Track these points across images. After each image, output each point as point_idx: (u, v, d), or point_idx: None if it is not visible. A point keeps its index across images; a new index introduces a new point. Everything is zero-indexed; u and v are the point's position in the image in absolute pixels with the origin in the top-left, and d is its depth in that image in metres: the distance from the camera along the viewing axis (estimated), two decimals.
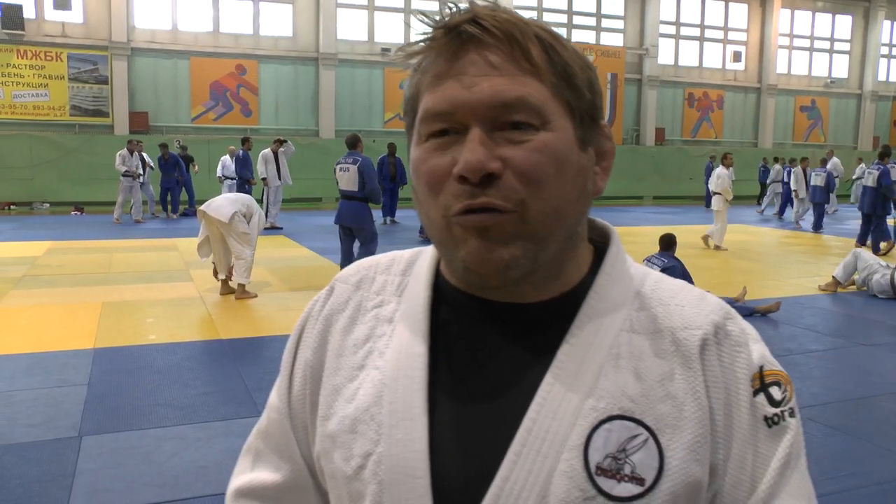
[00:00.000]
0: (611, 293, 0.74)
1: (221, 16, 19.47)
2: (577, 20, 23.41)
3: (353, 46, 20.57)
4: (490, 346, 0.74)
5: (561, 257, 0.73)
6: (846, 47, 27.35)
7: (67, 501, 3.21)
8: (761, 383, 0.72)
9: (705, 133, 25.19)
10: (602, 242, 0.80)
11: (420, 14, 0.71)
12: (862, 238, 12.66)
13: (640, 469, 0.67)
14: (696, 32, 25.07)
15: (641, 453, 0.67)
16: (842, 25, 27.12)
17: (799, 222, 16.23)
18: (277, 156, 14.36)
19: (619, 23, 23.93)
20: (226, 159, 16.09)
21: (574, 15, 23.33)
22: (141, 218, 15.20)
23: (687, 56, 24.99)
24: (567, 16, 23.22)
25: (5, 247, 10.99)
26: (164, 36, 18.91)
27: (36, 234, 12.62)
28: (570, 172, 0.70)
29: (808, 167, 16.12)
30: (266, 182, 14.31)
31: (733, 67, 25.40)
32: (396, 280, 0.82)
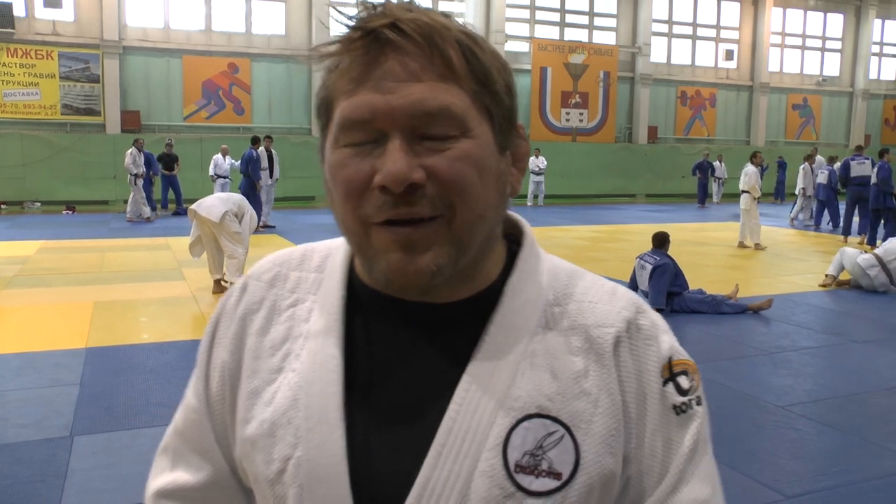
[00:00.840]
0: (525, 291, 0.74)
1: (214, 14, 19.39)
2: (570, 18, 23.43)
3: None
4: (406, 347, 0.73)
5: (477, 258, 0.73)
6: (838, 46, 27.47)
7: (59, 502, 3.19)
8: (670, 373, 0.74)
9: (698, 131, 25.24)
10: (514, 235, 0.80)
11: (336, 9, 0.70)
12: (846, 230, 13.54)
13: (557, 464, 0.68)
14: (689, 31, 25.12)
15: (558, 449, 0.69)
16: (833, 24, 27.23)
17: (794, 221, 16.31)
18: (270, 153, 14.31)
19: (612, 21, 23.96)
20: (218, 158, 15.98)
21: (567, 13, 23.34)
22: (133, 217, 15.15)
23: (679, 54, 25.05)
24: (560, 14, 23.24)
25: None
26: (156, 34, 18.82)
27: (27, 234, 12.55)
28: (492, 178, 0.70)
29: (814, 164, 16.36)
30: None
31: (726, 66, 25.47)
32: (311, 277, 0.81)
